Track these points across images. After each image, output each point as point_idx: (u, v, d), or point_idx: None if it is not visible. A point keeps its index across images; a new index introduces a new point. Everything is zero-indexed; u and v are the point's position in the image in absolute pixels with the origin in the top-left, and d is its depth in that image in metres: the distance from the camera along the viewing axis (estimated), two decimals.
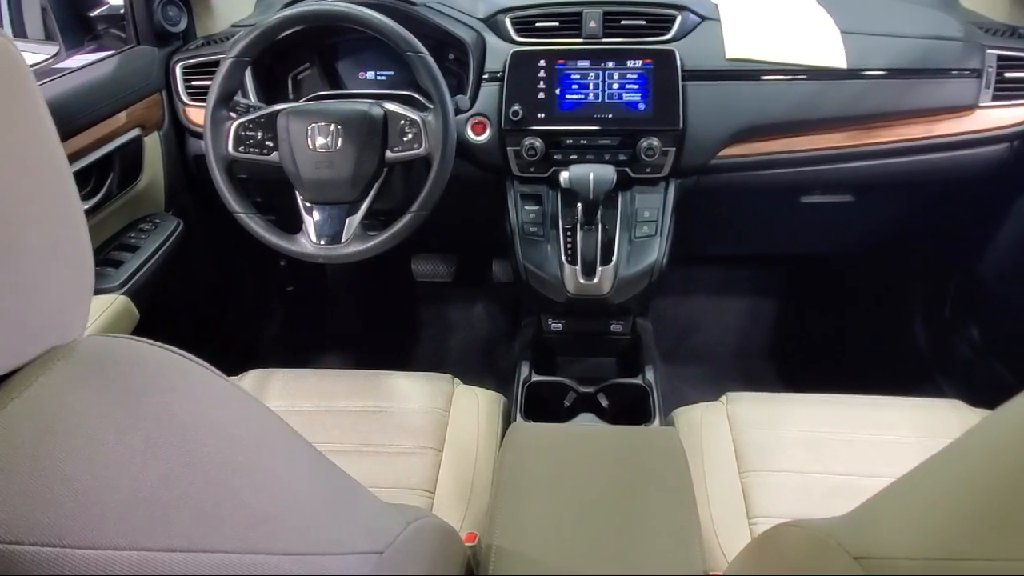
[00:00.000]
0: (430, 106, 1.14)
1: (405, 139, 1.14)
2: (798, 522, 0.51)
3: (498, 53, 1.31)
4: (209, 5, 1.53)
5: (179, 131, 1.46)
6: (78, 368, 0.33)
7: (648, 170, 1.27)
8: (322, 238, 1.16)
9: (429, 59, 1.13)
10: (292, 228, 1.19)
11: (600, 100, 1.26)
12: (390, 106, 1.15)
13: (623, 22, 1.30)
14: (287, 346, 1.98)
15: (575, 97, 1.27)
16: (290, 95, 1.45)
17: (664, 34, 1.29)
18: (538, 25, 1.32)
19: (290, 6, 1.16)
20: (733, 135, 1.27)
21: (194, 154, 1.47)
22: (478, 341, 1.98)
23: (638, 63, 1.26)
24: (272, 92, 1.40)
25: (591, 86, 1.26)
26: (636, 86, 1.25)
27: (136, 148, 1.35)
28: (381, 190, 1.18)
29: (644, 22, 1.30)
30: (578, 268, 1.23)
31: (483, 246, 1.89)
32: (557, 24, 1.32)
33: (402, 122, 1.14)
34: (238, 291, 1.88)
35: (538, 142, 1.25)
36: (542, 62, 1.27)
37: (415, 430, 1.09)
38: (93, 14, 1.46)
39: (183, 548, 0.32)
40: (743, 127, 1.26)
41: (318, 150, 1.13)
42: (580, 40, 1.31)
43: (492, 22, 1.34)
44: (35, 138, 0.34)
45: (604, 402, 1.33)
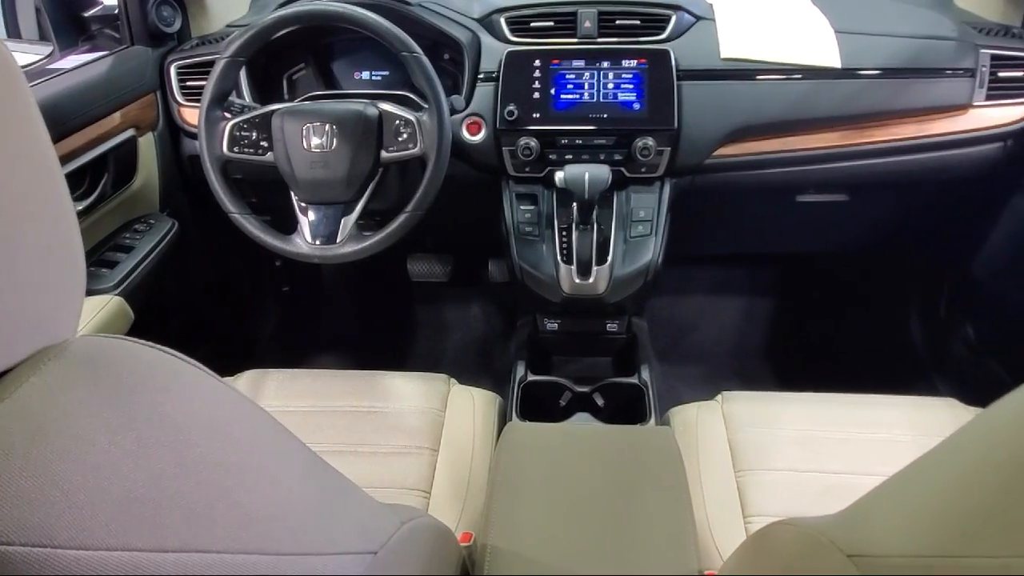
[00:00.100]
0: (425, 106, 1.14)
1: (400, 139, 1.14)
2: (792, 520, 0.51)
3: (493, 53, 1.31)
4: (204, 5, 1.53)
5: (174, 131, 1.46)
6: (69, 368, 0.33)
7: (643, 170, 1.27)
8: (317, 238, 1.16)
9: (424, 59, 1.13)
10: (287, 228, 1.19)
11: (595, 100, 1.26)
12: (385, 106, 1.15)
13: (618, 22, 1.30)
14: (283, 346, 1.97)
15: (570, 97, 1.27)
16: (285, 95, 1.45)
17: (659, 34, 1.29)
18: (533, 25, 1.32)
19: (285, 6, 1.16)
20: (728, 135, 1.27)
21: (189, 154, 1.47)
22: (474, 341, 1.98)
23: (633, 63, 1.26)
24: (267, 92, 1.40)
25: (586, 86, 1.26)
26: (631, 86, 1.25)
27: (131, 149, 1.34)
28: (376, 190, 1.18)
29: (639, 22, 1.30)
30: (573, 268, 1.23)
31: (479, 246, 1.89)
32: (552, 24, 1.32)
33: (397, 122, 1.14)
34: (233, 291, 1.87)
35: (533, 142, 1.25)
36: (537, 62, 1.28)
37: (411, 430, 1.09)
38: (87, 14, 1.46)
39: (175, 548, 0.32)
40: (738, 127, 1.26)
41: (313, 150, 1.13)
42: (575, 40, 1.31)
43: (487, 22, 1.34)
44: (26, 139, 0.34)
45: (600, 401, 1.33)
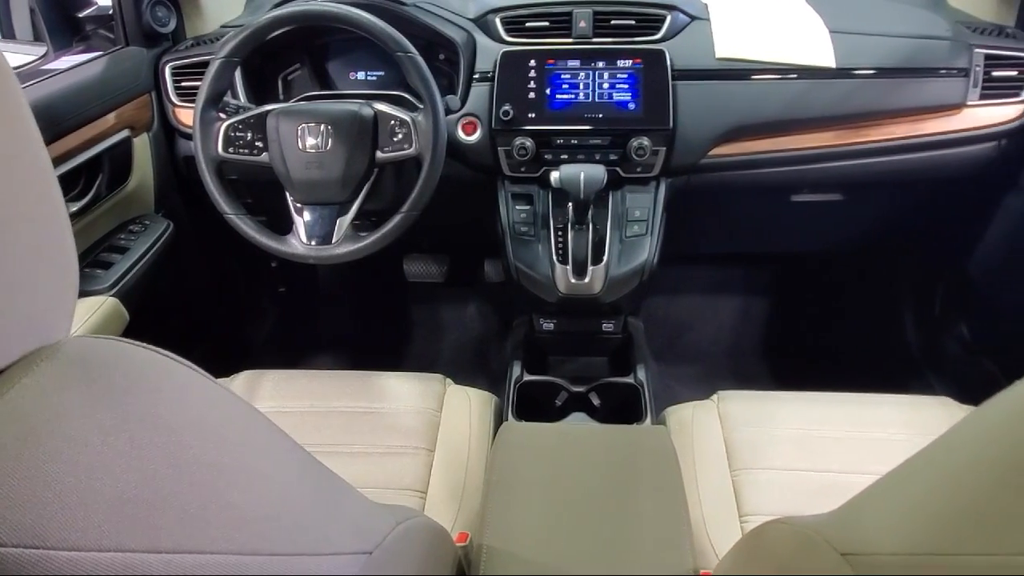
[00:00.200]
0: (420, 106, 1.14)
1: (395, 139, 1.14)
2: (786, 519, 0.51)
3: (488, 53, 1.31)
4: (198, 5, 1.52)
5: (168, 132, 1.46)
6: (62, 369, 0.33)
7: (639, 169, 1.27)
8: (313, 239, 1.16)
9: (419, 59, 1.12)
10: (283, 229, 1.19)
11: (590, 100, 1.26)
12: (380, 106, 1.15)
13: (613, 22, 1.30)
14: (279, 347, 1.97)
15: (565, 97, 1.27)
16: (280, 95, 1.45)
17: (654, 34, 1.29)
18: (528, 25, 1.32)
19: (280, 6, 1.16)
20: (723, 134, 1.27)
21: (184, 155, 1.47)
22: (470, 341, 1.98)
23: (628, 63, 1.26)
24: (262, 93, 1.40)
25: (581, 86, 1.26)
26: (626, 86, 1.26)
27: (125, 149, 1.34)
28: (372, 191, 1.17)
29: (634, 22, 1.30)
30: (569, 268, 1.23)
31: (475, 246, 1.89)
32: (547, 24, 1.32)
33: (392, 122, 1.14)
34: (229, 292, 1.87)
35: (529, 142, 1.26)
36: (532, 62, 1.28)
37: (407, 430, 1.09)
38: (81, 15, 1.45)
39: (168, 549, 0.32)
40: (733, 126, 1.27)
41: (308, 151, 1.13)
42: (570, 40, 1.31)
43: (482, 22, 1.34)
44: (17, 139, 0.33)
45: (596, 401, 1.33)
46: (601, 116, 1.26)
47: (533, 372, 1.39)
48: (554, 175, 1.19)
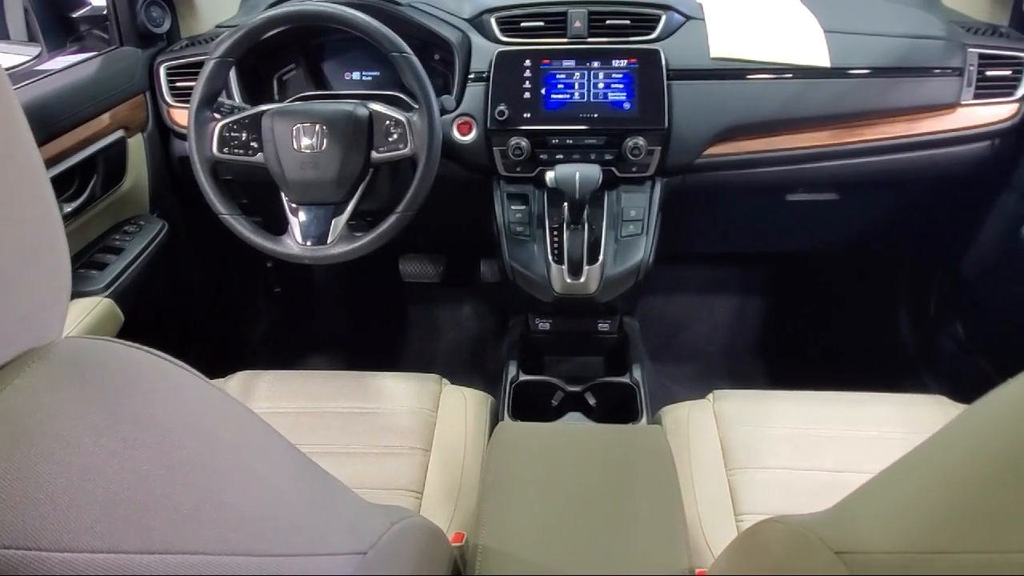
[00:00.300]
0: (415, 106, 1.14)
1: (391, 139, 1.14)
2: (781, 518, 0.51)
3: (483, 53, 1.31)
4: (193, 6, 1.52)
5: (163, 132, 1.46)
6: (54, 370, 0.33)
7: (634, 169, 1.27)
8: (308, 239, 1.16)
9: (414, 59, 1.12)
10: (278, 229, 1.19)
11: (586, 100, 1.26)
12: (375, 106, 1.15)
13: (608, 22, 1.30)
14: (274, 348, 1.97)
15: (561, 97, 1.27)
16: (275, 96, 1.45)
17: (649, 34, 1.30)
18: (523, 25, 1.32)
19: (274, 6, 1.16)
20: (718, 134, 1.27)
21: (179, 155, 1.47)
22: (466, 341, 1.98)
23: (623, 63, 1.26)
24: (257, 93, 1.40)
25: (576, 86, 1.26)
26: (621, 86, 1.26)
27: (120, 150, 1.34)
28: (367, 191, 1.17)
29: (629, 22, 1.30)
30: (565, 267, 1.23)
31: (471, 246, 1.89)
32: (542, 24, 1.32)
33: (387, 122, 1.14)
34: (225, 293, 1.87)
35: (524, 142, 1.26)
36: (527, 62, 1.28)
37: (402, 431, 1.08)
38: (75, 15, 1.45)
39: (161, 550, 0.32)
40: (728, 126, 1.27)
41: (303, 151, 1.13)
42: (565, 40, 1.31)
43: (477, 22, 1.34)
44: (8, 140, 0.33)
45: (591, 401, 1.33)
46: (596, 116, 1.26)
47: (529, 372, 1.39)
48: (549, 175, 1.19)
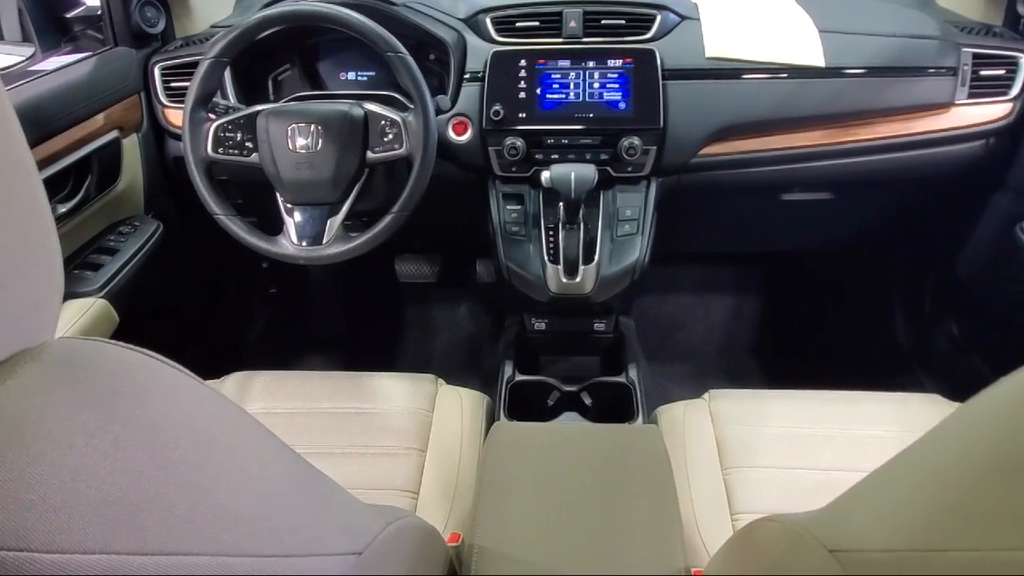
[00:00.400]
0: (411, 106, 1.14)
1: (386, 139, 1.14)
2: (776, 517, 0.51)
3: (479, 53, 1.30)
4: (188, 6, 1.52)
5: (158, 133, 1.45)
6: (46, 370, 0.33)
7: (629, 169, 1.27)
8: (303, 239, 1.16)
9: (409, 59, 1.12)
10: (273, 230, 1.18)
11: (581, 100, 1.26)
12: (370, 106, 1.15)
13: (603, 22, 1.30)
14: (270, 348, 1.97)
15: (556, 97, 1.27)
16: (270, 96, 1.45)
17: (644, 33, 1.30)
18: (518, 25, 1.32)
19: (269, 6, 1.15)
20: (713, 134, 1.27)
21: (173, 156, 1.46)
22: (462, 341, 1.98)
23: (618, 62, 1.26)
24: (252, 93, 1.39)
25: (572, 86, 1.26)
26: (617, 85, 1.26)
27: (114, 150, 1.33)
28: (362, 191, 1.17)
29: (624, 22, 1.31)
30: (560, 267, 1.23)
31: (466, 246, 1.89)
32: (537, 24, 1.32)
33: (383, 122, 1.14)
34: (220, 294, 1.86)
35: (519, 142, 1.25)
36: (523, 62, 1.28)
37: (398, 431, 1.08)
38: (69, 15, 1.44)
39: (154, 551, 0.31)
40: (723, 125, 1.27)
41: (298, 151, 1.12)
42: (560, 40, 1.31)
43: (473, 22, 1.34)
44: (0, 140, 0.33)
45: (587, 401, 1.33)
46: (592, 116, 1.26)
47: (525, 372, 1.39)
48: (545, 175, 1.19)
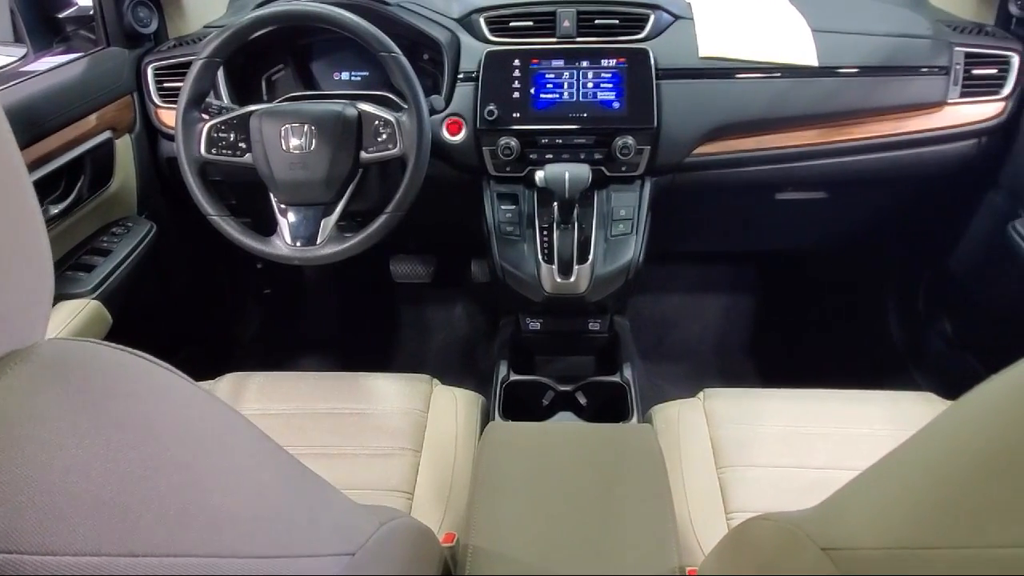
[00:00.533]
0: (404, 106, 1.13)
1: (380, 140, 1.14)
2: (769, 515, 0.51)
3: (473, 53, 1.30)
4: (181, 6, 1.51)
5: (151, 133, 1.45)
6: (36, 371, 0.32)
7: (623, 169, 1.27)
8: (297, 240, 1.16)
9: (403, 59, 1.12)
10: (267, 230, 1.18)
11: (575, 99, 1.26)
12: (364, 107, 1.15)
13: (597, 21, 1.31)
14: (264, 349, 1.96)
15: (550, 96, 1.27)
16: (264, 96, 1.44)
17: (638, 33, 1.30)
18: (512, 25, 1.32)
19: (262, 6, 1.15)
20: (707, 133, 1.27)
21: (167, 156, 1.46)
22: (458, 341, 1.98)
23: (612, 62, 1.26)
24: (245, 93, 1.39)
25: (566, 85, 1.27)
26: (610, 85, 1.26)
27: (107, 151, 1.33)
28: (356, 191, 1.17)
29: (618, 21, 1.31)
30: (555, 267, 1.23)
31: (461, 246, 1.89)
32: (531, 24, 1.32)
33: (376, 123, 1.13)
34: (214, 294, 1.86)
35: (513, 141, 1.25)
36: (516, 62, 1.28)
37: (393, 431, 1.08)
38: (62, 15, 1.44)
39: (146, 552, 0.31)
40: (717, 125, 1.27)
41: (292, 151, 1.12)
42: (554, 40, 1.31)
43: (466, 22, 1.34)
44: None
45: (582, 400, 1.33)
46: (586, 115, 1.26)
47: (520, 372, 1.39)
48: (539, 175, 1.19)
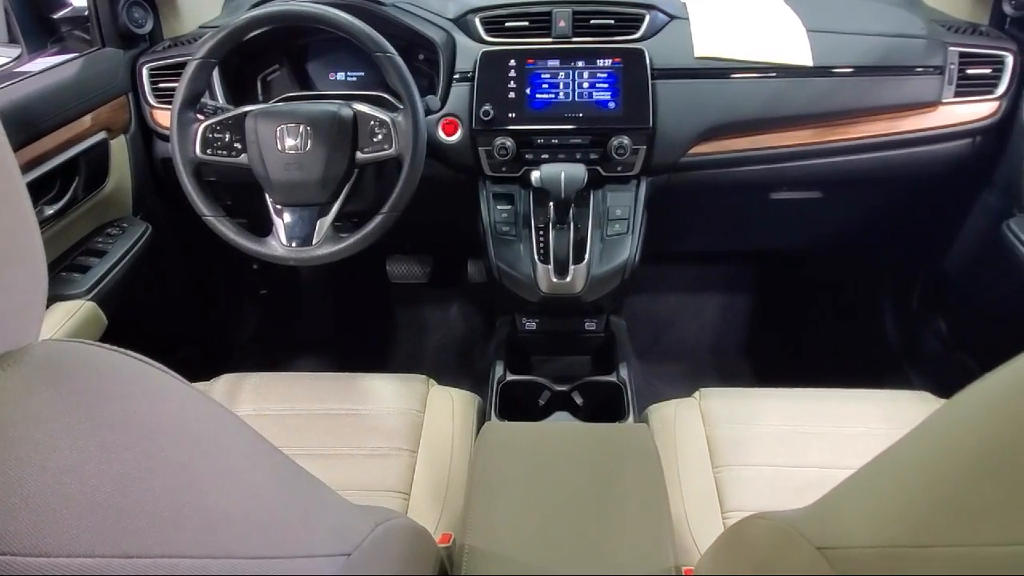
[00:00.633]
0: (400, 107, 1.13)
1: (375, 140, 1.13)
2: (764, 514, 0.51)
3: (468, 53, 1.30)
4: (176, 6, 1.51)
5: (146, 134, 1.44)
6: (30, 372, 0.32)
7: (619, 168, 1.28)
8: (293, 240, 1.16)
9: (398, 59, 1.12)
10: (263, 231, 1.18)
11: (570, 99, 1.26)
12: (360, 107, 1.14)
13: (592, 21, 1.31)
14: (261, 350, 1.96)
15: (545, 96, 1.27)
16: (259, 96, 1.44)
17: (633, 33, 1.30)
18: (508, 25, 1.32)
19: (258, 7, 1.15)
20: (702, 133, 1.28)
21: (162, 157, 1.46)
22: (454, 342, 1.98)
23: (608, 62, 1.26)
24: (241, 94, 1.39)
25: (561, 85, 1.27)
26: (606, 85, 1.26)
27: (102, 151, 1.32)
28: (352, 191, 1.17)
29: (613, 21, 1.31)
30: (551, 267, 1.23)
31: (457, 247, 1.89)
32: (527, 24, 1.32)
33: (372, 123, 1.13)
34: (210, 295, 1.86)
35: (509, 142, 1.25)
36: (512, 62, 1.28)
37: (389, 431, 1.08)
38: (56, 16, 1.43)
39: (141, 554, 0.31)
40: (712, 125, 1.27)
41: (287, 152, 1.12)
42: (550, 40, 1.31)
43: (462, 22, 1.34)
44: None
45: (579, 400, 1.33)
46: (581, 115, 1.26)
47: (516, 372, 1.39)
48: (535, 175, 1.19)
